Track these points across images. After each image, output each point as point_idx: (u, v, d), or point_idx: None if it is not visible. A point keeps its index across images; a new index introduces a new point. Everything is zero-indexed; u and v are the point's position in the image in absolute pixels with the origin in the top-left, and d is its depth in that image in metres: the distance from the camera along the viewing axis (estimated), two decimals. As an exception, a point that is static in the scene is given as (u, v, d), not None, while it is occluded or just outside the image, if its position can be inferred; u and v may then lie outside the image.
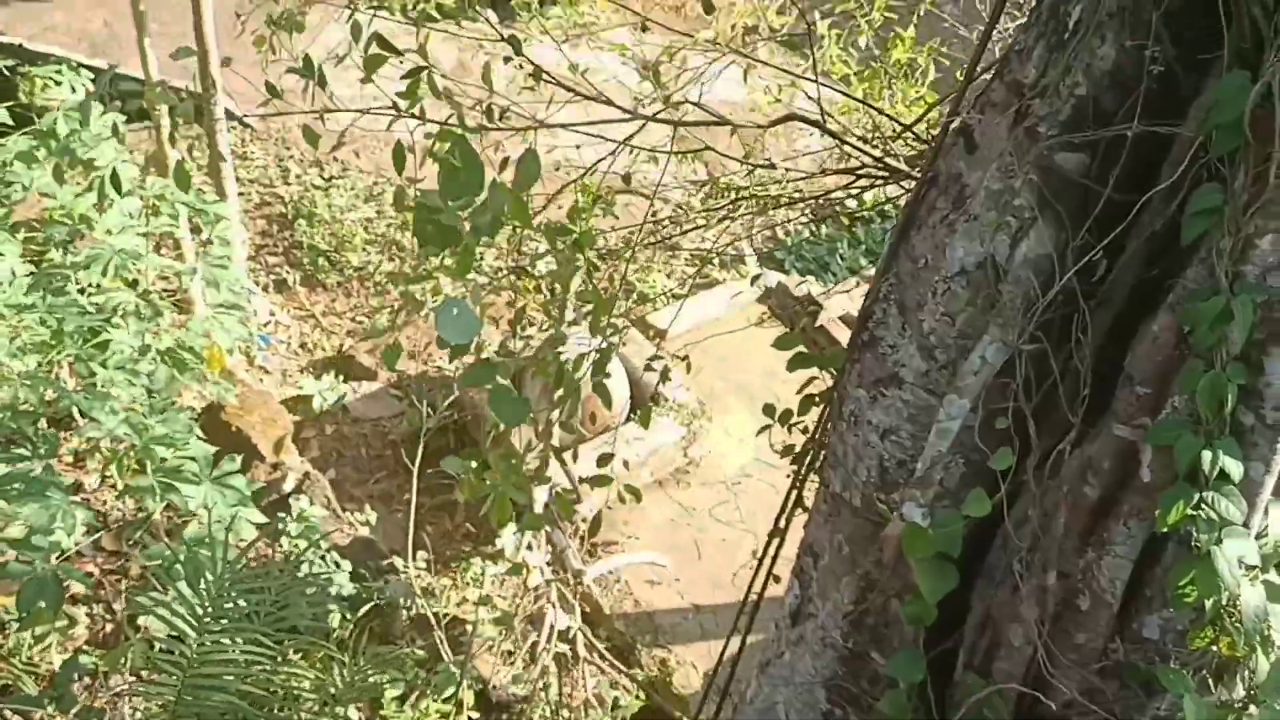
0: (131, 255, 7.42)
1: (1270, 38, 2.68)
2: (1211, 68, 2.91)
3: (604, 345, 4.55)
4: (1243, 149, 2.72)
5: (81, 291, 7.35)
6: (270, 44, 4.92)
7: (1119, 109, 3.01)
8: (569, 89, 4.57)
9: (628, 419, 10.83)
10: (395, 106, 4.44)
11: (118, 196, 7.43)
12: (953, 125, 3.52)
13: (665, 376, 6.06)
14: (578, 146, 4.75)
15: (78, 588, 7.94)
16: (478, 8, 5.43)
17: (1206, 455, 2.76)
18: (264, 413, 9.76)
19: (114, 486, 8.36)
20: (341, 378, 11.54)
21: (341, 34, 4.66)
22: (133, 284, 7.78)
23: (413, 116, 4.41)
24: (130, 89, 8.33)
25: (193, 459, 7.02)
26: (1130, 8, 2.95)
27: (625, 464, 5.42)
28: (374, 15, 4.45)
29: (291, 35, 4.92)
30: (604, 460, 4.87)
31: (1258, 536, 2.96)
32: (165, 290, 10.30)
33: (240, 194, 12.16)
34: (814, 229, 13.51)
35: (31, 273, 7.36)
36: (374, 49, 4.37)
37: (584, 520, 10.11)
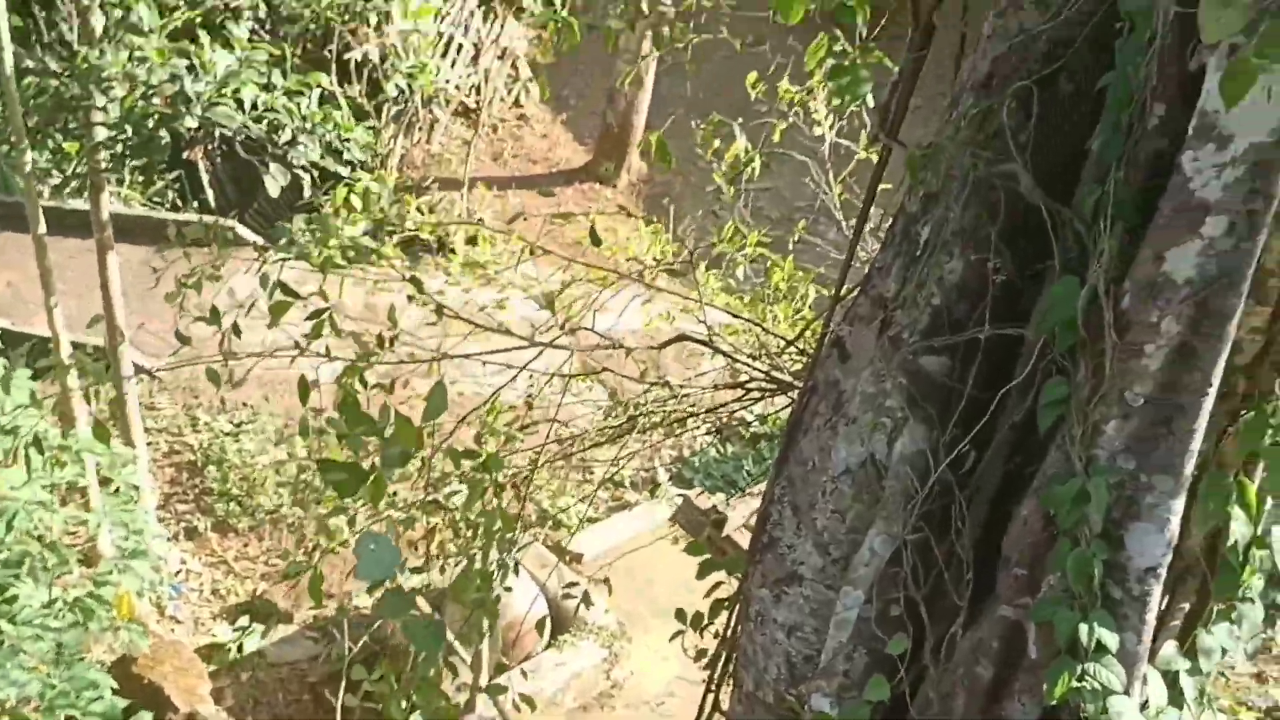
0: (37, 508, 7.38)
1: (1092, 248, 3.02)
2: (1046, 275, 3.24)
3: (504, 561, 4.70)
4: (1080, 345, 3.02)
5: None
6: (180, 300, 5.15)
7: (970, 315, 3.33)
8: (469, 322, 4.84)
9: (548, 645, 10.75)
10: (298, 346, 4.71)
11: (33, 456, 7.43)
12: (827, 337, 3.82)
13: (587, 602, 6.18)
14: (473, 373, 5.00)
15: None
16: (386, 251, 5.76)
17: (1083, 628, 2.95)
18: (176, 663, 9.54)
19: (18, 749, 8.05)
20: (256, 623, 11.33)
21: (250, 285, 4.94)
22: (38, 537, 7.70)
23: (316, 355, 4.66)
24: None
25: (101, 715, 6.85)
26: (970, 227, 3.30)
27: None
28: (282, 266, 4.72)
29: (200, 288, 5.16)
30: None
31: (1141, 707, 3.14)
32: (71, 543, 10.14)
33: (149, 444, 12.14)
34: (720, 447, 13.82)
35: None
36: (278, 295, 4.67)
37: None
